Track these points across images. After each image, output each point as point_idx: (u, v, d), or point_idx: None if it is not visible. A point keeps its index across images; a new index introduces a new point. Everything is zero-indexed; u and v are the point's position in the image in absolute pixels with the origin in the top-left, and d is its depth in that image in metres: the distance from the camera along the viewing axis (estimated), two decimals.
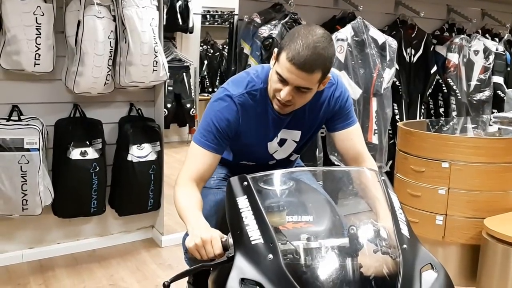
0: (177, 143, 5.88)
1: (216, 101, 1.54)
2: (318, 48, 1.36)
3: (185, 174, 1.50)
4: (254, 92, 1.55)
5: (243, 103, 1.53)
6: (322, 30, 1.41)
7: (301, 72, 1.36)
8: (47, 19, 2.51)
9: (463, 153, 2.67)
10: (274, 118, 1.57)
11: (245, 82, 1.56)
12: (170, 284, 1.16)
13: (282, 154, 1.69)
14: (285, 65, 1.38)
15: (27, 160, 2.56)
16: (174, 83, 5.27)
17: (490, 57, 4.30)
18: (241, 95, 1.53)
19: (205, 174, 1.52)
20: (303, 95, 1.45)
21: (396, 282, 1.04)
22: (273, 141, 1.64)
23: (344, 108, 1.63)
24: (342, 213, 1.38)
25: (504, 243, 2.41)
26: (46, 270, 2.81)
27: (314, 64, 1.36)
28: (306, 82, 1.39)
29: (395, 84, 3.81)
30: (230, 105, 1.52)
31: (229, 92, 1.54)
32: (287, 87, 1.41)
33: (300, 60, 1.35)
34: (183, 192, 1.46)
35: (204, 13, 5.95)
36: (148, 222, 3.29)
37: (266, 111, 1.56)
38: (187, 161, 1.53)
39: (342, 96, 1.62)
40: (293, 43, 1.37)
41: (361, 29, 3.46)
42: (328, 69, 1.43)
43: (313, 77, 1.39)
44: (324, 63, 1.38)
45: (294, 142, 1.67)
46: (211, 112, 1.53)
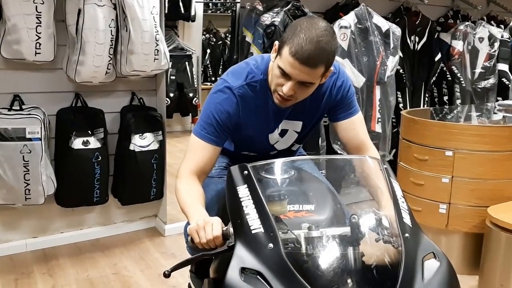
0: (179, 132, 5.88)
1: (215, 93, 1.53)
2: (321, 42, 1.33)
3: (186, 168, 1.49)
4: (254, 83, 1.53)
5: (243, 95, 1.52)
6: (325, 23, 1.39)
7: (304, 67, 1.34)
8: (47, 8, 2.50)
9: (467, 141, 2.65)
10: (275, 110, 1.55)
11: (245, 73, 1.53)
12: (171, 273, 1.16)
13: (283, 145, 1.68)
14: (288, 60, 1.35)
15: (29, 149, 2.56)
16: (176, 72, 5.26)
17: (495, 44, 4.25)
18: (241, 86, 1.52)
19: (206, 167, 1.51)
20: (306, 89, 1.43)
21: (398, 271, 1.03)
22: (274, 132, 1.62)
23: (346, 98, 1.61)
24: (344, 202, 1.37)
25: (508, 232, 2.40)
26: (49, 259, 2.83)
27: (318, 59, 1.34)
28: (309, 77, 1.38)
29: (398, 72, 3.78)
30: (230, 97, 1.51)
31: (229, 84, 1.52)
32: (289, 82, 1.39)
33: (304, 55, 1.32)
34: (184, 186, 1.45)
35: (207, 1, 5.91)
36: (151, 211, 3.29)
37: (266, 102, 1.54)
38: (188, 154, 1.52)
39: (344, 86, 1.60)
40: (296, 37, 1.34)
41: (364, 16, 3.43)
42: (331, 63, 1.41)
43: (317, 72, 1.37)
44: (327, 58, 1.37)
45: (295, 133, 1.65)
46: (211, 104, 1.52)
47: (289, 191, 1.28)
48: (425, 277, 1.05)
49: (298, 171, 1.39)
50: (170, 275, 1.16)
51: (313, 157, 1.42)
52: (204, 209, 1.37)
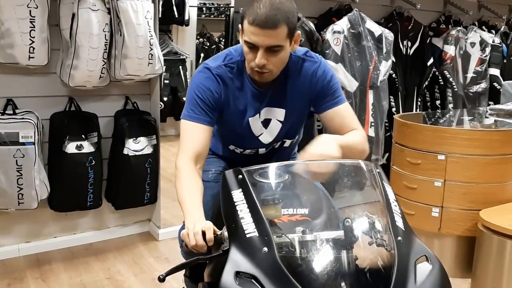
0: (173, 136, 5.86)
1: (196, 75, 1.58)
2: (275, 3, 1.38)
3: (183, 155, 1.49)
4: (231, 64, 1.57)
5: (221, 75, 1.56)
6: None
7: (266, 30, 1.38)
8: (41, 12, 2.50)
9: (459, 145, 2.67)
10: (254, 92, 1.57)
11: (223, 55, 1.59)
12: (165, 277, 1.16)
13: (269, 137, 1.66)
14: (250, 30, 1.40)
15: (22, 154, 2.55)
16: (170, 76, 5.26)
17: (487, 49, 4.30)
18: (219, 66, 1.56)
19: (202, 150, 1.51)
20: (277, 55, 1.45)
21: (391, 274, 1.04)
22: (255, 117, 1.61)
23: (329, 87, 1.60)
24: (337, 205, 1.38)
25: (500, 235, 2.42)
26: (42, 264, 2.81)
27: (276, 19, 1.37)
28: (274, 39, 1.40)
29: (391, 76, 3.80)
30: (209, 76, 1.55)
31: (208, 65, 1.58)
32: (259, 52, 1.42)
33: (261, 19, 1.37)
34: (184, 179, 1.45)
35: (200, 6, 5.92)
36: (145, 215, 3.29)
37: (244, 83, 1.57)
38: (182, 140, 1.53)
39: (325, 75, 1.60)
40: (250, 8, 1.40)
41: (357, 21, 3.45)
42: (293, 22, 1.44)
43: (279, 32, 1.40)
44: (286, 16, 1.39)
45: (279, 122, 1.64)
46: (193, 86, 1.57)
47: (283, 195, 1.28)
48: (417, 280, 1.06)
49: (292, 175, 1.39)
50: (164, 279, 1.16)
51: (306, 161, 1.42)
52: (201, 207, 1.37)
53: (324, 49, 3.33)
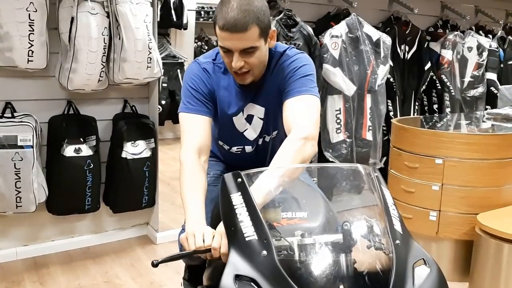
0: (171, 140, 5.87)
1: (187, 69, 1.61)
2: (242, 5, 1.38)
3: (186, 149, 1.48)
4: (219, 64, 1.58)
5: (209, 70, 1.58)
6: None
7: (236, 34, 1.38)
8: (40, 16, 2.50)
9: (457, 150, 2.68)
10: (237, 90, 1.58)
11: (214, 54, 1.61)
12: (159, 263, 1.16)
13: (253, 133, 1.66)
14: (221, 35, 1.41)
15: (20, 157, 2.55)
16: (168, 80, 5.27)
17: (484, 53, 4.32)
18: (208, 62, 1.59)
19: (204, 141, 1.51)
20: (253, 55, 1.45)
21: (389, 277, 1.04)
22: (238, 115, 1.62)
23: (293, 76, 1.51)
24: (335, 209, 1.39)
25: (497, 239, 2.43)
26: (40, 267, 2.81)
27: (245, 21, 1.37)
28: (246, 42, 1.41)
29: (389, 80, 3.82)
30: (199, 68, 1.58)
31: (198, 60, 1.61)
32: (234, 55, 1.43)
33: (231, 23, 1.37)
34: (187, 176, 1.44)
35: (198, 9, 5.93)
36: (143, 219, 3.29)
37: (229, 84, 1.58)
38: (183, 134, 1.53)
39: (295, 65, 1.53)
40: (220, 13, 1.40)
41: (355, 25, 3.47)
42: (264, 21, 1.42)
43: (250, 34, 1.40)
44: (255, 17, 1.39)
45: (259, 119, 1.64)
46: (186, 78, 1.59)
47: (282, 198, 1.29)
48: (415, 283, 1.06)
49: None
50: (158, 265, 1.16)
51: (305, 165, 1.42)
52: (203, 209, 1.36)
53: (322, 53, 3.35)
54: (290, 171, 1.34)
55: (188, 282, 1.85)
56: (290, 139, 1.41)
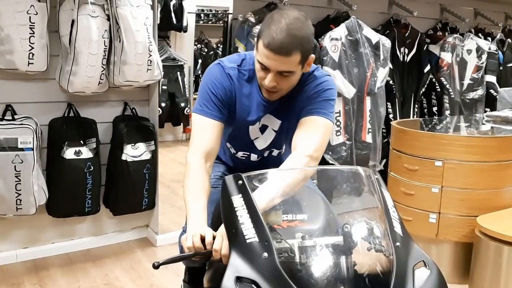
0: (171, 142, 5.88)
1: (209, 70, 1.59)
2: (292, 30, 1.37)
3: (194, 151, 1.49)
4: (244, 71, 1.57)
5: (233, 76, 1.56)
6: (296, 12, 1.43)
7: (279, 56, 1.38)
8: (40, 18, 2.51)
9: (456, 152, 2.69)
10: (259, 102, 1.58)
11: (239, 60, 1.59)
12: (160, 265, 1.17)
13: (262, 143, 1.67)
14: (263, 52, 1.40)
15: (21, 159, 2.55)
16: (168, 82, 5.27)
17: (483, 56, 4.33)
18: (233, 68, 1.57)
19: (213, 146, 1.52)
20: (287, 78, 1.45)
21: (390, 279, 1.05)
22: (255, 124, 1.63)
23: (318, 96, 1.53)
24: (336, 211, 1.39)
25: (497, 241, 2.43)
26: (40, 270, 2.81)
27: (291, 46, 1.37)
28: (286, 65, 1.41)
29: (388, 83, 3.83)
30: (222, 72, 1.56)
31: (222, 63, 1.58)
32: (269, 74, 1.43)
33: (276, 45, 1.36)
34: (192, 178, 1.45)
35: (198, 12, 5.95)
36: (143, 221, 3.29)
37: (252, 92, 1.58)
38: (193, 136, 1.53)
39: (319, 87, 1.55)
40: (267, 29, 1.39)
41: (355, 28, 3.48)
42: (307, 49, 1.43)
43: (292, 60, 1.40)
44: (300, 44, 1.39)
45: (273, 131, 1.65)
46: (206, 80, 1.57)
47: (283, 201, 1.29)
48: (416, 285, 1.07)
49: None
50: (159, 267, 1.17)
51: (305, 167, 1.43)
52: (205, 211, 1.37)
53: (322, 55, 3.35)
54: (294, 183, 1.35)
55: (188, 285, 1.86)
56: (296, 155, 1.45)
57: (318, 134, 1.49)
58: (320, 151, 1.48)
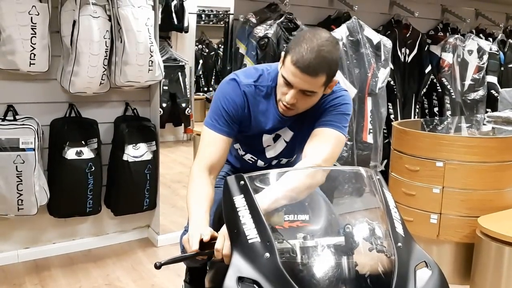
0: (172, 142, 5.88)
1: (224, 84, 1.57)
2: (322, 51, 1.36)
3: (199, 163, 1.50)
4: (262, 87, 1.56)
5: (248, 93, 1.55)
6: (328, 34, 1.42)
7: (305, 75, 1.37)
8: (42, 19, 2.51)
9: (457, 152, 2.69)
10: (276, 118, 1.57)
11: (256, 75, 1.57)
12: (161, 265, 1.17)
13: (272, 152, 1.68)
14: (290, 69, 1.39)
15: (22, 160, 2.55)
16: (169, 83, 5.27)
17: (484, 56, 4.33)
18: (249, 85, 1.55)
19: (219, 160, 1.52)
20: (308, 98, 1.45)
21: (391, 279, 1.05)
22: (270, 135, 1.64)
23: (334, 109, 1.54)
24: (337, 212, 1.39)
25: (498, 241, 2.43)
26: (41, 270, 2.81)
27: (318, 68, 1.36)
28: (310, 85, 1.40)
29: (389, 83, 3.83)
30: (236, 89, 1.54)
31: (238, 78, 1.56)
32: (292, 91, 1.42)
33: (304, 64, 1.36)
34: (195, 185, 1.46)
35: (199, 13, 5.95)
36: (144, 221, 3.29)
37: (269, 108, 1.57)
38: (201, 148, 1.54)
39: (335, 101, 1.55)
40: (298, 47, 1.38)
41: (356, 29, 3.48)
42: (333, 72, 1.43)
43: (318, 81, 1.39)
44: (328, 66, 1.39)
45: (284, 142, 1.66)
46: (220, 95, 1.56)
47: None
48: (417, 286, 1.07)
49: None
50: (161, 267, 1.17)
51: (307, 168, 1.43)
52: (207, 214, 1.38)
53: None
54: (299, 188, 1.35)
55: (190, 285, 1.86)
56: (305, 163, 1.45)
57: (329, 145, 1.50)
58: (330, 162, 1.49)
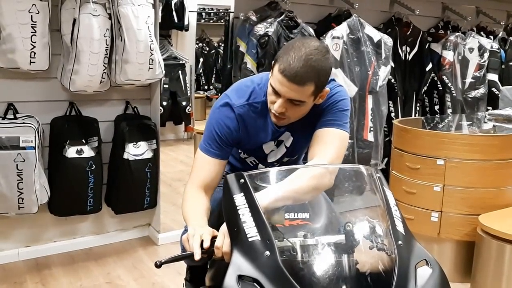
0: (173, 141, 5.87)
1: (217, 109, 1.55)
2: (310, 60, 1.34)
3: (193, 184, 1.51)
4: (255, 104, 1.54)
5: (243, 114, 1.53)
6: (318, 43, 1.40)
7: (292, 84, 1.35)
8: (42, 17, 2.51)
9: (458, 150, 2.68)
10: (274, 130, 1.57)
11: (248, 92, 1.55)
12: (162, 264, 1.17)
13: (273, 157, 1.68)
14: (277, 77, 1.37)
15: (23, 158, 2.55)
16: (169, 81, 5.27)
17: (485, 54, 4.32)
18: (242, 106, 1.53)
19: (212, 181, 1.53)
20: (297, 108, 1.43)
21: (392, 278, 1.05)
22: (269, 143, 1.63)
23: (332, 108, 1.52)
24: (338, 210, 1.39)
25: (499, 240, 2.43)
26: (42, 268, 2.81)
27: (306, 77, 1.34)
28: (297, 94, 1.38)
29: (390, 81, 3.82)
30: (229, 114, 1.53)
31: (231, 101, 1.53)
32: (280, 100, 1.40)
33: (291, 72, 1.34)
34: (189, 200, 1.47)
35: (200, 11, 5.94)
36: (145, 220, 3.29)
37: (266, 122, 1.56)
38: (194, 169, 1.54)
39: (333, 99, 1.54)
40: (286, 55, 1.36)
41: (356, 27, 3.47)
42: (323, 82, 1.41)
43: (305, 90, 1.37)
44: (316, 76, 1.36)
45: (285, 147, 1.65)
46: (213, 120, 1.55)
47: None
48: (418, 284, 1.07)
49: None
50: (161, 266, 1.17)
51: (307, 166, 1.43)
52: (205, 216, 1.38)
53: None
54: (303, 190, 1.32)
55: (190, 283, 1.86)
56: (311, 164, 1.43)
57: (334, 145, 1.48)
58: (337, 162, 1.47)
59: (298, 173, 1.34)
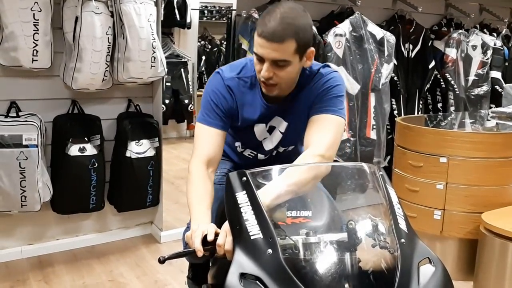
0: (175, 139, 5.88)
1: (210, 80, 1.60)
2: (286, 18, 1.37)
3: (196, 159, 1.51)
4: (245, 78, 1.57)
5: (232, 87, 1.56)
6: (293, 4, 1.44)
7: (271, 43, 1.37)
8: (44, 15, 2.51)
9: (461, 148, 2.68)
10: (263, 107, 1.57)
11: (240, 66, 1.59)
12: (165, 260, 1.17)
13: (270, 144, 1.68)
14: (257, 41, 1.40)
15: (25, 156, 2.56)
16: (172, 79, 5.26)
17: (488, 52, 4.31)
18: (232, 78, 1.57)
19: (215, 154, 1.53)
20: (283, 69, 1.43)
21: (394, 276, 1.04)
22: (260, 126, 1.63)
23: (326, 93, 1.52)
24: (340, 208, 1.39)
25: (502, 238, 2.42)
26: (45, 266, 2.82)
27: (283, 33, 1.36)
28: (279, 53, 1.39)
29: (393, 79, 3.81)
30: (222, 85, 1.56)
31: (222, 73, 1.58)
32: (265, 64, 1.42)
33: (269, 32, 1.36)
34: (194, 183, 1.46)
35: (202, 8, 5.93)
36: (147, 218, 3.29)
37: (256, 98, 1.57)
38: (196, 143, 1.55)
39: (328, 84, 1.54)
40: (262, 19, 1.40)
41: (359, 24, 3.47)
42: (304, 39, 1.41)
43: (285, 47, 1.38)
44: (295, 32, 1.38)
45: (280, 133, 1.65)
46: (208, 90, 1.58)
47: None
48: (420, 282, 1.06)
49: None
50: (164, 261, 1.17)
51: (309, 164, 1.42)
52: (209, 210, 1.38)
53: (326, 52, 3.34)
54: (302, 182, 1.33)
55: (192, 281, 1.86)
56: (307, 154, 1.43)
57: (330, 132, 1.48)
58: (333, 149, 1.47)
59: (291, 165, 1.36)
